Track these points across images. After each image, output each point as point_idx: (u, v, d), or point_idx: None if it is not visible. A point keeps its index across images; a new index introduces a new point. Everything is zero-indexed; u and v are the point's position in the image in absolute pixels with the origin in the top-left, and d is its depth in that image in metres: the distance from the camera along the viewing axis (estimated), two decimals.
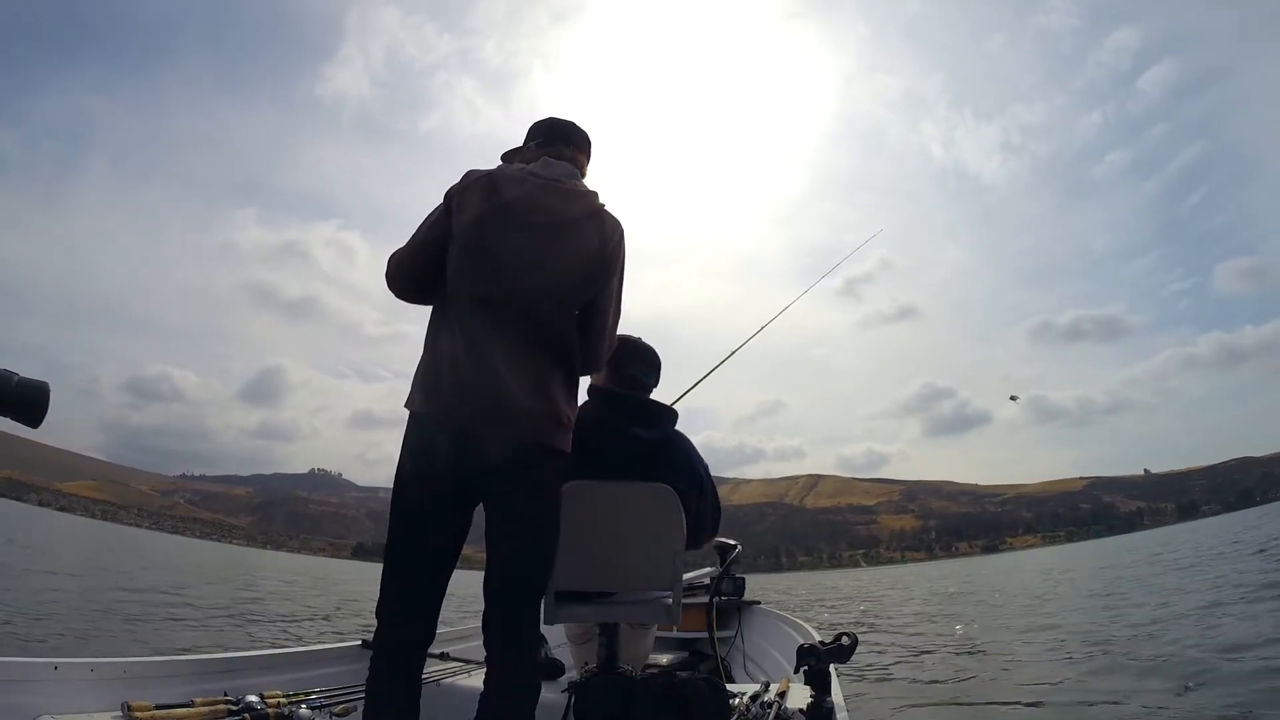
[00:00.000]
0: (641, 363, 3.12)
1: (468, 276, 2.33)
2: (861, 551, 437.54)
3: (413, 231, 2.50)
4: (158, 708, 2.23)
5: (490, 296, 2.30)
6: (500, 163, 2.62)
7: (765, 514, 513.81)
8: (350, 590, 27.30)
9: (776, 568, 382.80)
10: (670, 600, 2.73)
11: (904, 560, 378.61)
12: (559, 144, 2.58)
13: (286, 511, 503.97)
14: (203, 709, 2.34)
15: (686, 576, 3.86)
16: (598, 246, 2.44)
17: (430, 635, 2.34)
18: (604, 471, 2.72)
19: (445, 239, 2.39)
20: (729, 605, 6.48)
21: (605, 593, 2.85)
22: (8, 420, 1.34)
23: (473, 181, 2.43)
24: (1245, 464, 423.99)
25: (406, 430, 2.33)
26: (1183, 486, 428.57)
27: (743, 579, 6.69)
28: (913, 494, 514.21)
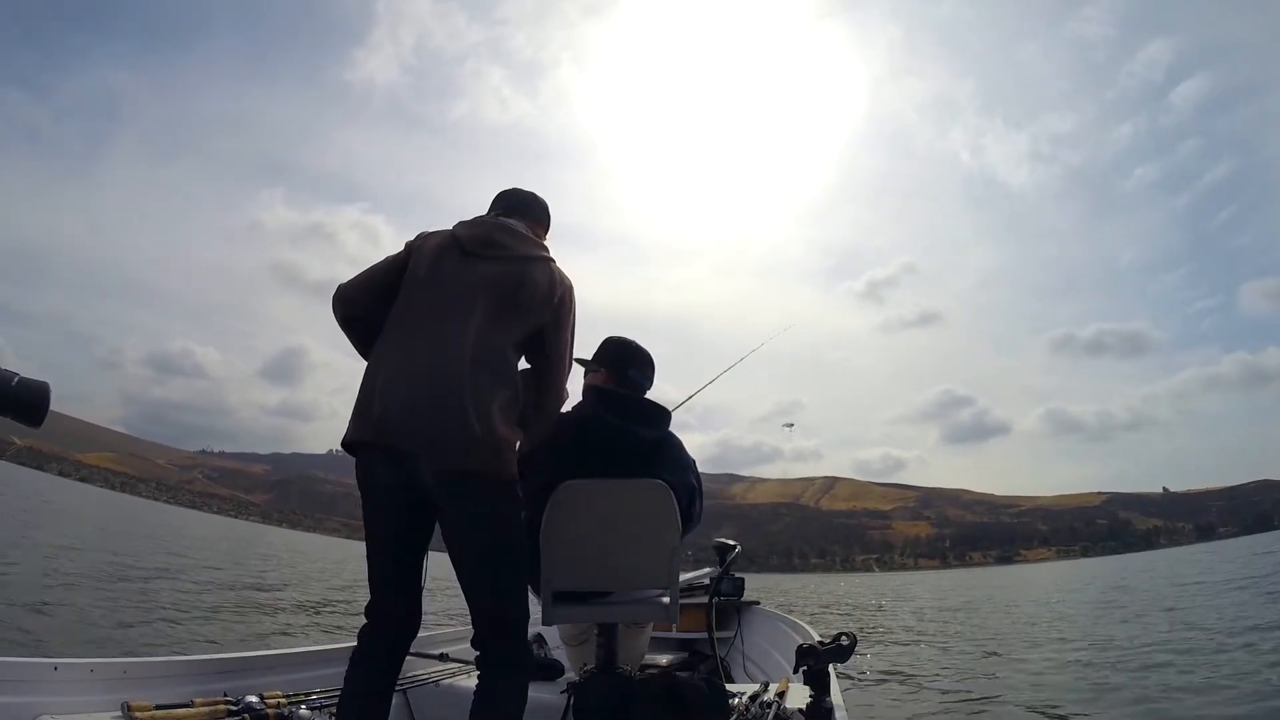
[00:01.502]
0: (640, 365, 3.19)
1: (414, 299, 2.44)
2: (875, 556, 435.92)
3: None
4: (157, 708, 2.23)
5: (434, 317, 2.38)
6: None
7: (780, 514, 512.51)
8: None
9: (789, 568, 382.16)
10: (667, 599, 2.72)
11: (917, 567, 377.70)
12: (516, 214, 2.72)
13: (302, 490, 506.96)
14: (203, 709, 2.34)
15: (686, 576, 3.84)
16: (547, 287, 2.52)
17: (409, 629, 2.46)
18: (605, 470, 2.74)
19: (397, 282, 2.50)
20: (728, 605, 6.42)
21: (602, 593, 2.85)
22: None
23: (433, 233, 2.61)
24: (1265, 487, 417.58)
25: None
26: (1201, 507, 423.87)
27: (742, 579, 6.63)
28: (929, 501, 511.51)
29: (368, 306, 2.53)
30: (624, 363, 3.15)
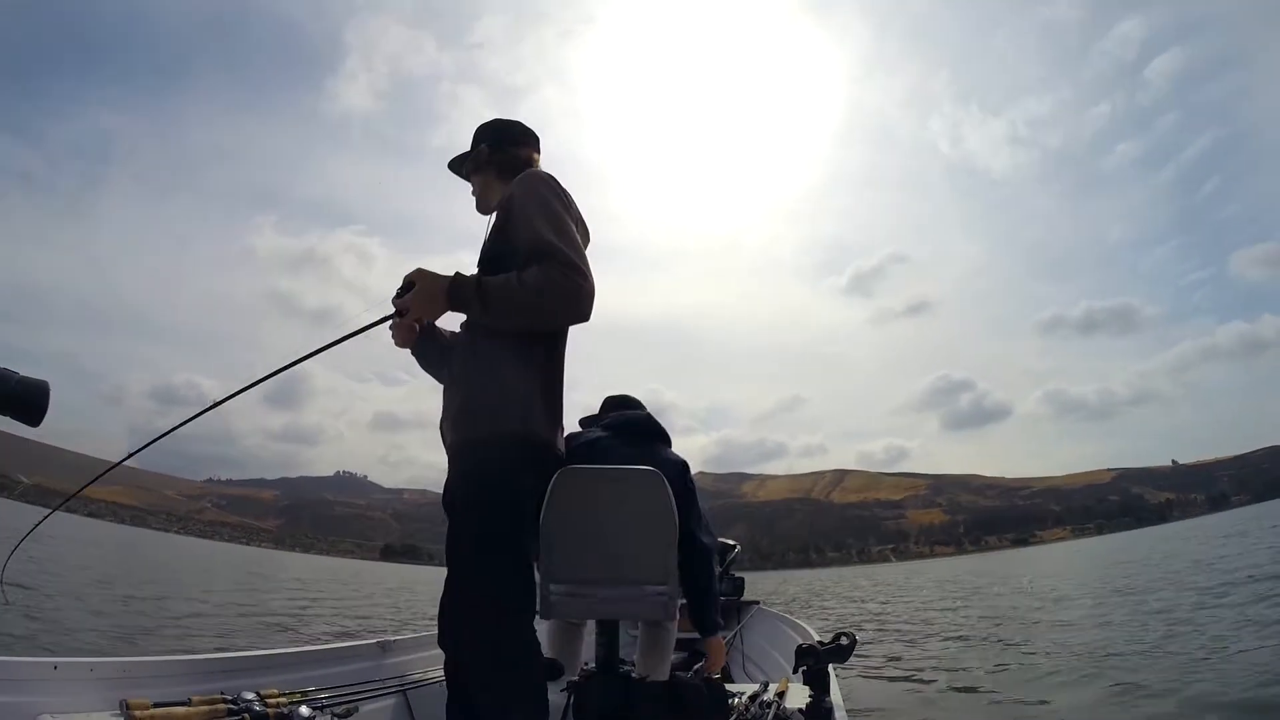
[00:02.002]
0: (634, 406, 3.35)
1: None
2: (891, 546, 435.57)
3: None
4: (155, 705, 2.21)
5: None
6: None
7: (794, 509, 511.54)
8: None
9: (806, 564, 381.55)
10: (666, 595, 2.63)
11: (933, 555, 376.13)
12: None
13: (313, 514, 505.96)
14: (201, 708, 2.30)
15: None
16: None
17: None
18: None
19: None
20: (728, 605, 6.43)
21: (600, 589, 2.74)
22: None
23: None
24: (1273, 453, 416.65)
25: None
26: (1211, 477, 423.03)
27: (742, 579, 6.65)
28: (939, 488, 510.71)
29: None
30: (623, 409, 3.30)
